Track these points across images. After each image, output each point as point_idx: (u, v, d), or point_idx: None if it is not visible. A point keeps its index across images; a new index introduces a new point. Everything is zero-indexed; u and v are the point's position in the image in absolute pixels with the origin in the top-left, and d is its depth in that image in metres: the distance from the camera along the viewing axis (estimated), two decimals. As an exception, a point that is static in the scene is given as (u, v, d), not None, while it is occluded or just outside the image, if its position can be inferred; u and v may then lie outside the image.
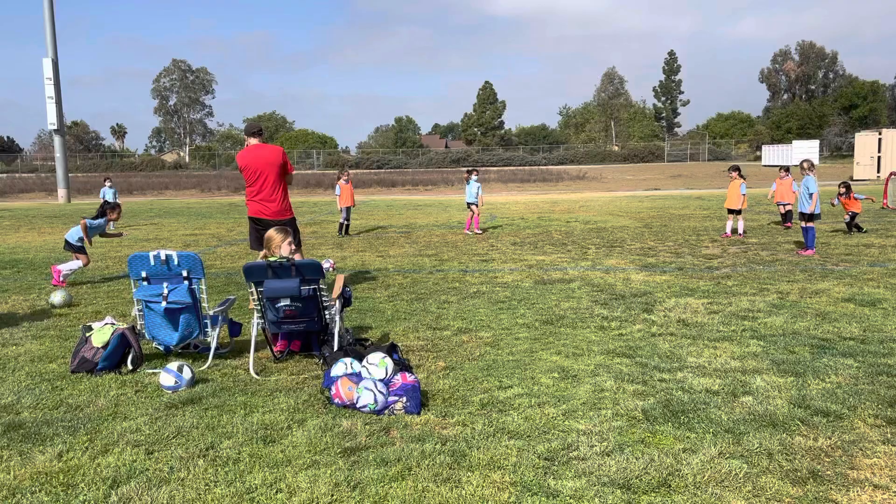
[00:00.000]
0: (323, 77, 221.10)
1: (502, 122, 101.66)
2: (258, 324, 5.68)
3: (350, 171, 16.96)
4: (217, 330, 5.86)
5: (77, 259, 9.91)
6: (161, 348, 5.96)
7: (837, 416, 4.28)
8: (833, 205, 14.69)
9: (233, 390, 5.03)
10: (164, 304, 5.64)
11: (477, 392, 4.86)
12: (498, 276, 9.60)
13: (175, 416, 4.51)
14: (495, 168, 67.44)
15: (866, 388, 4.76)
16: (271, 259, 5.56)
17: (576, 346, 6.01)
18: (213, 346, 5.78)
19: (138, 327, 5.86)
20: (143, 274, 5.75)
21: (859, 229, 13.86)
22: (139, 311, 5.85)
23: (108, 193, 18.48)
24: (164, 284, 5.70)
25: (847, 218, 14.03)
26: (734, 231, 13.63)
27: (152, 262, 5.72)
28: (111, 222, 11.46)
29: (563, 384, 5.00)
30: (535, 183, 42.34)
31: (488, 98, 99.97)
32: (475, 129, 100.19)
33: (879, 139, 39.13)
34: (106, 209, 10.57)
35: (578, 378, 5.12)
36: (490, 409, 4.54)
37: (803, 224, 11.29)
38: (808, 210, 11.18)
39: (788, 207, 14.95)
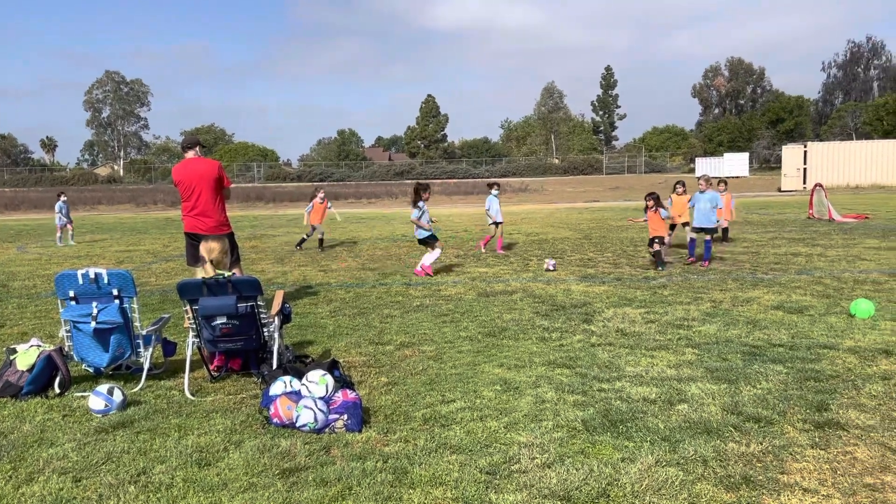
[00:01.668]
0: (263, 89, 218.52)
1: (445, 136, 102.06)
2: (193, 343, 5.53)
3: (324, 190, 16.57)
4: (150, 350, 5.68)
5: (433, 250, 10.82)
6: (91, 370, 5.73)
7: (768, 422, 4.41)
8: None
9: (167, 412, 4.87)
10: (93, 324, 5.44)
11: (419, 407, 4.83)
12: (441, 289, 9.61)
13: (105, 441, 4.34)
14: (439, 181, 67.71)
15: (795, 394, 4.92)
16: (206, 276, 5.43)
17: (518, 357, 6.05)
18: (146, 366, 5.60)
19: (66, 349, 5.63)
20: (71, 293, 5.53)
21: (660, 264, 10.96)
22: (67, 331, 5.62)
23: (62, 209, 18.39)
24: (94, 304, 5.49)
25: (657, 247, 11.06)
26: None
27: (81, 281, 5.51)
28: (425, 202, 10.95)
29: (505, 396, 5.02)
30: (479, 195, 42.59)
31: (431, 111, 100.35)
32: (418, 142, 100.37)
33: (805, 152, 40.93)
34: (420, 190, 10.69)
35: (520, 390, 5.15)
36: (432, 424, 4.52)
37: (706, 238, 11.39)
38: (714, 225, 11.42)
39: (724, 224, 14.21)
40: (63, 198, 18.78)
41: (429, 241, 10.95)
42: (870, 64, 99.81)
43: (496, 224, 13.61)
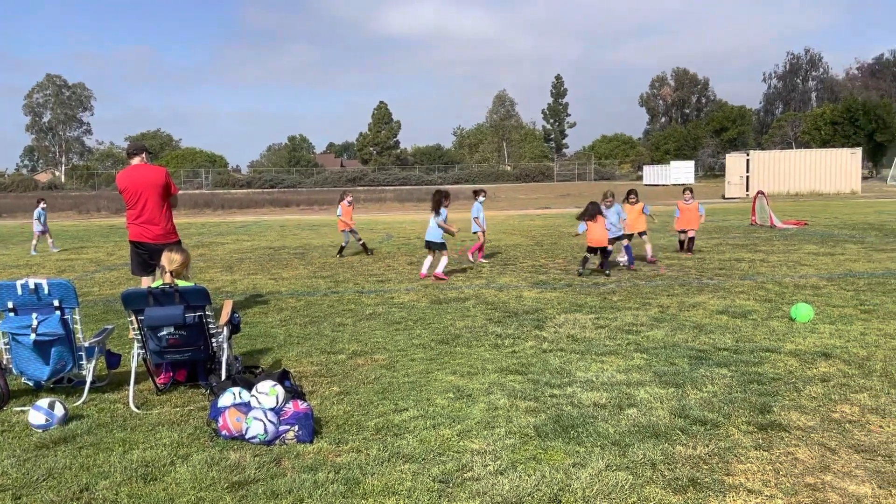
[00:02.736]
0: (211, 94, 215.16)
1: (398, 142, 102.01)
2: (139, 354, 5.39)
3: (351, 193, 16.13)
4: (93, 362, 5.51)
5: (444, 255, 11.08)
6: (31, 384, 5.54)
7: (714, 425, 4.52)
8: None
9: (111, 426, 4.74)
10: (33, 336, 5.25)
11: (372, 416, 4.81)
12: (394, 297, 9.58)
13: (46, 457, 4.20)
14: (392, 187, 67.60)
15: (739, 396, 5.06)
16: (153, 285, 5.30)
17: (471, 364, 6.07)
18: (89, 379, 5.43)
19: (4, 362, 5.42)
20: (10, 304, 5.33)
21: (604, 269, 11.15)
22: (5, 344, 5.42)
23: (42, 216, 17.85)
24: (34, 315, 5.31)
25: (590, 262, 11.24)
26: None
27: (20, 292, 5.32)
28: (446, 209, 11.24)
29: (458, 404, 5.03)
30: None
31: (383, 118, 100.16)
32: (371, 149, 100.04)
33: (748, 160, 42.22)
34: (441, 198, 10.95)
35: (473, 397, 5.17)
36: (385, 433, 4.50)
37: (626, 243, 11.91)
38: (620, 234, 11.77)
39: (691, 234, 13.98)
40: (42, 205, 18.14)
41: (441, 247, 11.10)
42: (808, 75, 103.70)
43: (482, 232, 13.56)
